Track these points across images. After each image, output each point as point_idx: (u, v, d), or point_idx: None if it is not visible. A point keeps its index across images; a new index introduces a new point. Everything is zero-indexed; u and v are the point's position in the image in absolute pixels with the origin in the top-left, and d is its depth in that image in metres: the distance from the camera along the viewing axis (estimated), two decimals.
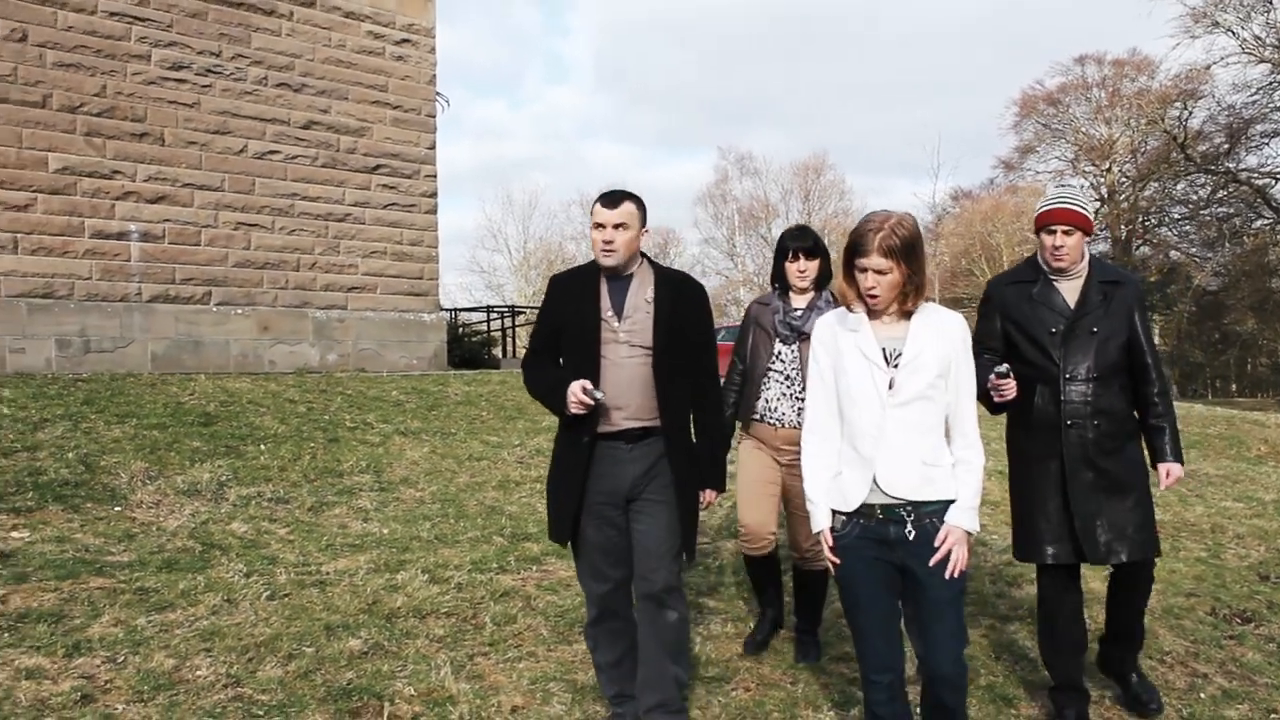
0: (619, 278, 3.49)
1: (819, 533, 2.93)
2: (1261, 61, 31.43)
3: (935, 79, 70.73)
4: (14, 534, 5.20)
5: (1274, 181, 33.58)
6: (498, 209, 78.39)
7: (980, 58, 69.33)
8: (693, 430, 3.62)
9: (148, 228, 10.79)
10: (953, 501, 2.84)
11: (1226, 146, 33.74)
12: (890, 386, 2.80)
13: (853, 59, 72.15)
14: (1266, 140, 32.94)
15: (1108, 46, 54.51)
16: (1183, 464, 3.85)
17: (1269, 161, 33.75)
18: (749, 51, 72.31)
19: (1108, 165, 39.76)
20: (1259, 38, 31.31)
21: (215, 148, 11.24)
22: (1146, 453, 3.85)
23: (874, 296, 2.79)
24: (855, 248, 2.77)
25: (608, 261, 3.41)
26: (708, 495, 3.63)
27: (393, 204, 12.75)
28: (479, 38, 72.83)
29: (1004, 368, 3.54)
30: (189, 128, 11.05)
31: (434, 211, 13.27)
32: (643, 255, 3.55)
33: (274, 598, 4.67)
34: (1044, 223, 3.76)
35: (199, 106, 11.12)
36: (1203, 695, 4.25)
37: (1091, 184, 40.71)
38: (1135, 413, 3.84)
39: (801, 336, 4.22)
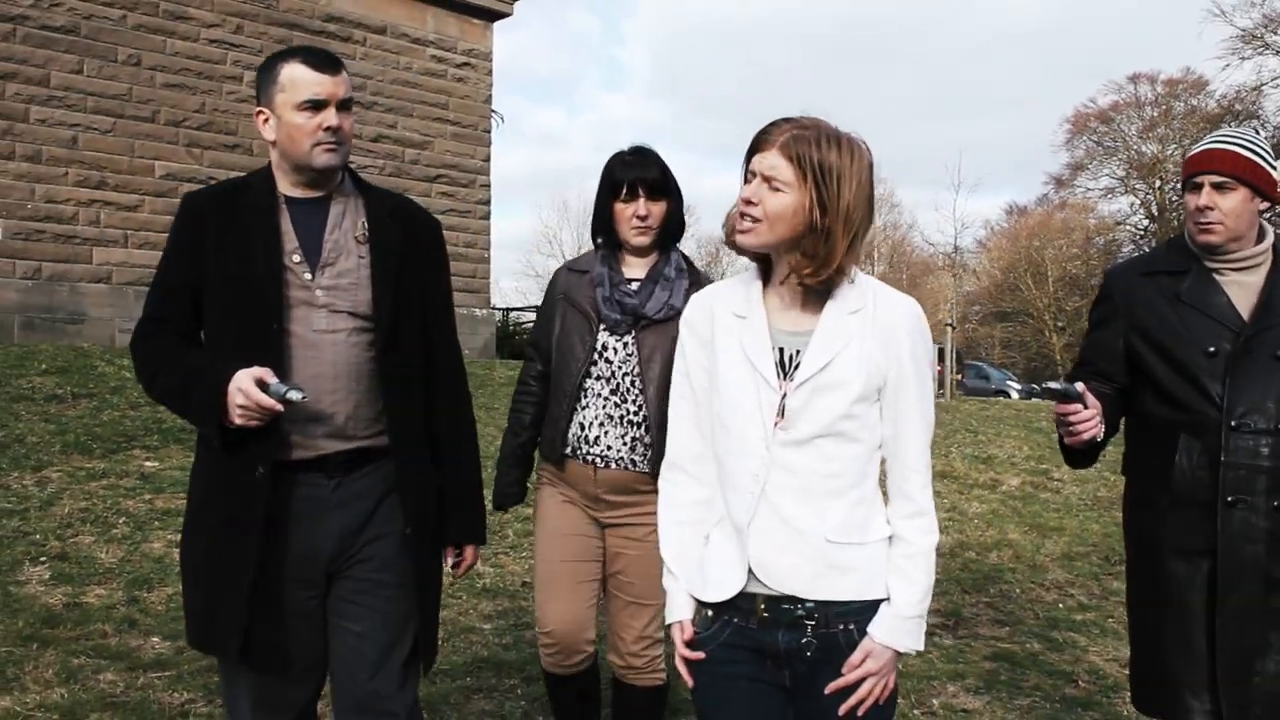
0: (307, 201, 2.19)
1: (674, 624, 1.89)
2: None
3: (987, 94, 71.33)
4: (148, 464, 6.64)
5: None
6: (554, 216, 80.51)
7: (1033, 73, 69.77)
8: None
9: None
10: (883, 601, 1.79)
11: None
12: (781, 415, 1.76)
13: (907, 71, 73.01)
14: None
15: (1161, 65, 54.98)
16: None
17: None
18: (804, 62, 73.50)
19: (1158, 183, 40.28)
20: None
21: None
22: None
23: (742, 229, 1.76)
24: (753, 145, 1.78)
25: (332, 161, 2.14)
26: (465, 555, 2.37)
27: (450, 210, 14.19)
28: (539, 46, 74.99)
29: (1060, 384, 2.22)
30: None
31: (487, 218, 14.73)
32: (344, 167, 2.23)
33: None
34: (1189, 174, 2.42)
35: None
36: (1061, 606, 5.45)
37: (1142, 201, 41.31)
38: None
39: (641, 322, 2.75)
